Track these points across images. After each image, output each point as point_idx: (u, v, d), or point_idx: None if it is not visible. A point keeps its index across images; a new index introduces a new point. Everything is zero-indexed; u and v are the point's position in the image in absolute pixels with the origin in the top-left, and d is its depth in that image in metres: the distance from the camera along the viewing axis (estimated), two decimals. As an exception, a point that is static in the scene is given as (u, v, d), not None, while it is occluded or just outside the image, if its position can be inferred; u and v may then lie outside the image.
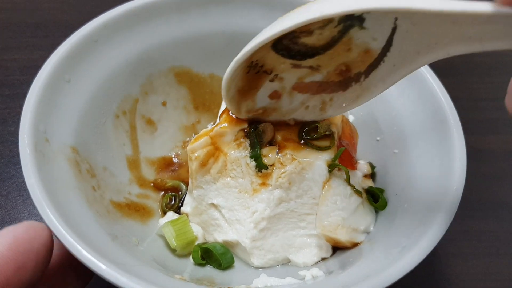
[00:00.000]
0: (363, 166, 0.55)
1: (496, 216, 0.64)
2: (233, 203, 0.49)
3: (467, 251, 0.60)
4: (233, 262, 0.50)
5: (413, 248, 0.39)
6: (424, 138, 0.50)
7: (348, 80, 0.44)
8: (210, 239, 0.52)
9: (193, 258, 0.50)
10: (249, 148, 0.48)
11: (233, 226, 0.49)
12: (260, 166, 0.47)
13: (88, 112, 0.50)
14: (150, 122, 0.59)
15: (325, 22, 0.38)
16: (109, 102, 0.54)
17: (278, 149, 0.47)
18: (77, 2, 0.87)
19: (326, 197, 0.49)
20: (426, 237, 0.40)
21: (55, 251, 0.38)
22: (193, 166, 0.49)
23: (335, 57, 0.42)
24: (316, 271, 0.47)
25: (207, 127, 0.62)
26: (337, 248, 0.51)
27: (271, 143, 0.48)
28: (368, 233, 0.51)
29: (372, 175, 0.56)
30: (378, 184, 0.55)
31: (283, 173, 0.47)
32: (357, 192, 0.50)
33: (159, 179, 0.57)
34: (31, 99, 0.44)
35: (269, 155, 0.47)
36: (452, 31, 0.34)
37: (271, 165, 0.47)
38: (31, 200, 0.59)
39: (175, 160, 0.59)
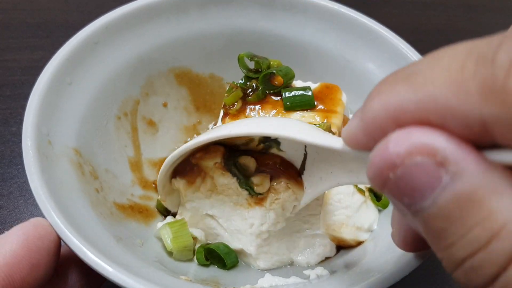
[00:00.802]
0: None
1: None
2: (229, 214, 0.48)
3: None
4: (237, 262, 0.49)
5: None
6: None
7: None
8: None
9: (197, 259, 0.50)
10: (234, 178, 0.46)
11: (234, 236, 0.48)
12: (253, 193, 0.46)
13: (90, 114, 0.50)
14: (151, 123, 0.59)
15: (247, 140, 0.45)
16: (110, 103, 0.54)
17: (271, 177, 0.46)
18: (78, 2, 0.87)
19: (330, 197, 0.49)
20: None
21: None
22: (180, 184, 0.48)
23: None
24: (320, 270, 0.47)
25: (208, 128, 0.62)
26: (341, 247, 0.51)
27: (261, 170, 0.46)
28: (371, 231, 0.51)
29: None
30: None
31: (276, 199, 0.45)
32: (360, 190, 0.50)
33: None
34: (33, 102, 0.44)
35: (262, 183, 0.46)
36: (339, 163, 0.37)
37: (265, 192, 0.46)
38: (33, 200, 0.60)
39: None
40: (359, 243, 0.50)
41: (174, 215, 0.53)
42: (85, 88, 0.50)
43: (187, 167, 0.47)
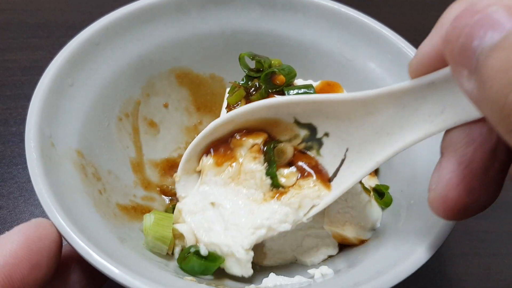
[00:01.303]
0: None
1: (497, 216, 0.64)
2: (238, 207, 0.47)
3: (468, 251, 0.60)
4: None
5: (422, 244, 0.39)
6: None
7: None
8: (200, 245, 0.47)
9: (180, 263, 0.48)
10: (266, 164, 0.46)
11: (230, 232, 0.46)
12: (275, 185, 0.46)
13: (92, 115, 0.50)
14: (152, 124, 0.59)
15: (291, 136, 0.47)
16: (112, 104, 0.54)
17: (300, 175, 0.46)
18: (78, 2, 0.87)
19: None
20: (435, 232, 0.40)
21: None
22: (208, 161, 0.48)
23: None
24: (325, 269, 0.47)
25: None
26: (343, 245, 0.51)
27: (292, 164, 0.46)
28: (374, 230, 0.51)
29: (376, 172, 0.56)
30: (382, 181, 0.56)
31: (298, 193, 0.45)
32: (366, 190, 0.50)
33: (165, 185, 0.57)
34: (35, 103, 0.44)
35: (289, 176, 0.46)
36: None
37: (288, 186, 0.46)
38: (33, 200, 0.61)
39: (178, 161, 0.59)
40: (362, 242, 0.50)
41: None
42: (87, 89, 0.50)
43: (220, 149, 0.47)
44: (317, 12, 0.58)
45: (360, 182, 0.49)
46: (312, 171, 0.46)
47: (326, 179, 0.45)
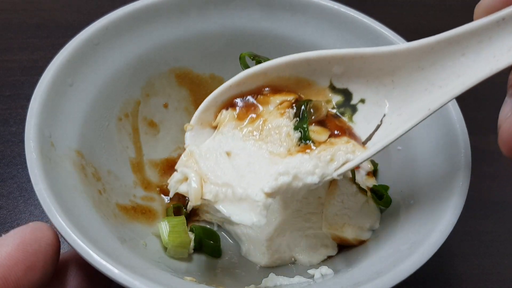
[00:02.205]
0: (364, 164, 0.55)
1: (497, 216, 0.64)
2: (257, 159, 0.42)
3: (467, 251, 0.60)
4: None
5: (422, 244, 0.39)
6: (428, 134, 0.50)
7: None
8: (206, 188, 0.42)
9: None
10: (294, 119, 0.43)
11: (246, 178, 0.41)
12: (305, 139, 0.42)
13: (92, 115, 0.50)
14: (152, 124, 0.59)
15: (323, 99, 0.44)
16: (112, 105, 0.54)
17: (331, 134, 0.43)
18: (78, 2, 0.87)
19: (332, 196, 0.50)
20: (435, 232, 0.40)
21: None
22: (228, 114, 0.44)
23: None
24: (325, 269, 0.47)
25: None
26: (342, 246, 0.51)
27: (322, 124, 0.43)
28: (373, 230, 0.51)
29: (374, 172, 0.56)
30: (381, 181, 0.56)
31: (329, 147, 0.42)
32: (362, 190, 0.50)
33: (165, 185, 0.56)
34: (35, 104, 0.44)
35: (321, 133, 0.43)
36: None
37: (319, 142, 0.42)
38: (33, 200, 0.61)
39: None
40: (361, 242, 0.50)
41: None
42: (86, 89, 0.50)
43: (243, 104, 0.45)
44: (317, 12, 0.58)
45: (356, 183, 0.49)
46: (344, 134, 0.43)
47: (359, 142, 0.43)
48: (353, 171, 0.49)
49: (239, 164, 0.42)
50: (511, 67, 0.35)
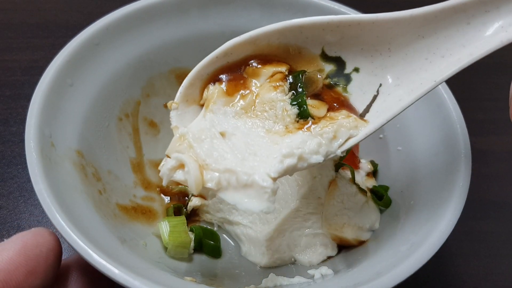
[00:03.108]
0: (364, 165, 0.55)
1: (497, 216, 0.64)
2: (255, 138, 0.40)
3: (468, 252, 0.60)
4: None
5: (422, 245, 0.39)
6: (428, 134, 0.50)
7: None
8: (207, 176, 0.39)
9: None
10: (289, 93, 0.41)
11: (248, 161, 0.38)
12: (304, 115, 0.40)
13: (92, 115, 0.50)
14: (152, 124, 0.59)
15: (316, 70, 0.42)
16: (112, 105, 0.54)
17: (329, 107, 0.41)
18: (78, 3, 0.87)
19: (332, 196, 0.49)
20: (435, 233, 0.40)
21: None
22: (216, 90, 0.41)
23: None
24: (325, 269, 0.47)
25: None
26: (342, 246, 0.51)
27: (318, 97, 0.41)
28: (373, 231, 0.51)
29: (374, 173, 0.56)
30: (382, 181, 0.56)
31: (331, 123, 0.39)
32: (362, 190, 0.50)
33: (166, 186, 0.56)
34: (35, 103, 0.44)
35: (319, 107, 0.40)
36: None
37: (318, 118, 0.40)
38: (33, 200, 0.60)
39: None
40: (361, 243, 0.50)
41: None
42: (87, 89, 0.50)
43: (231, 77, 0.42)
44: (317, 12, 0.58)
45: (356, 183, 0.49)
46: (342, 106, 0.41)
47: (357, 115, 0.41)
48: (352, 171, 0.49)
49: (237, 145, 0.39)
50: None
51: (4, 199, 0.61)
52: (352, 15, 0.41)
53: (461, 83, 0.79)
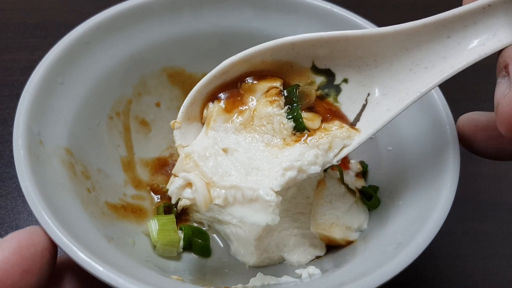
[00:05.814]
0: (354, 165, 0.55)
1: (495, 217, 0.64)
2: (256, 153, 0.42)
3: (466, 252, 0.60)
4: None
5: (408, 245, 0.39)
6: (418, 135, 0.50)
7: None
8: (214, 193, 0.41)
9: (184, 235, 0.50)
10: (285, 107, 0.43)
11: (251, 176, 0.41)
12: (300, 128, 0.43)
13: (82, 113, 0.50)
14: (144, 123, 0.59)
15: (306, 83, 0.45)
16: (103, 103, 0.54)
17: (323, 119, 0.44)
18: (77, 2, 0.88)
19: (321, 196, 0.49)
20: (422, 233, 0.40)
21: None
22: (215, 108, 0.44)
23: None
24: (312, 269, 0.47)
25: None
26: (330, 246, 0.51)
27: (312, 110, 0.44)
28: (361, 231, 0.51)
29: (364, 173, 0.56)
30: (371, 182, 0.55)
31: (326, 134, 0.42)
32: (351, 191, 0.50)
33: (156, 184, 0.57)
34: (24, 101, 0.44)
35: (313, 119, 0.43)
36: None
37: (313, 130, 0.43)
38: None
39: (169, 160, 0.59)
40: (349, 243, 0.50)
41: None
42: (77, 87, 0.50)
43: (228, 95, 0.44)
44: (309, 12, 0.58)
45: (344, 183, 0.49)
46: (334, 116, 0.44)
47: (349, 124, 0.44)
48: (341, 171, 0.49)
49: (240, 160, 0.42)
50: (499, 52, 0.36)
51: (2, 199, 0.61)
52: (340, 31, 0.43)
53: (458, 84, 0.78)
